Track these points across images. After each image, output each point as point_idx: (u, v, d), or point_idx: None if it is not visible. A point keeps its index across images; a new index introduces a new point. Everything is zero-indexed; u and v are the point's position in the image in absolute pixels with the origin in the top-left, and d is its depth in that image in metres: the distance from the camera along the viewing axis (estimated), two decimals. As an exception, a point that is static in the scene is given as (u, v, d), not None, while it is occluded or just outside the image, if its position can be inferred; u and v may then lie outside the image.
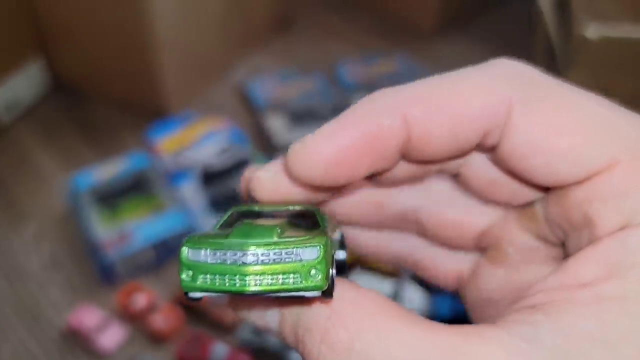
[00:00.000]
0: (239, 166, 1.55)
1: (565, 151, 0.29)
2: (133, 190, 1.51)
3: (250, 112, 1.77)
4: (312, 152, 0.30)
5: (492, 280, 0.36)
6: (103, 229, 1.41)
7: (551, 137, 0.29)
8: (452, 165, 0.35)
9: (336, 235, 0.34)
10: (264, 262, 0.28)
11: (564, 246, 0.33)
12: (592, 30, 1.13)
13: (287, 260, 0.28)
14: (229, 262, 0.28)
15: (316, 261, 0.27)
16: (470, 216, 0.37)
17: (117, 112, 1.79)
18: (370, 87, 1.76)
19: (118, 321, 1.32)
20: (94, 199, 1.48)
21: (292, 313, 0.30)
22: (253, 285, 0.27)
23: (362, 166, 0.31)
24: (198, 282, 0.28)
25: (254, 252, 0.28)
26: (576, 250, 0.29)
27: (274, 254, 0.28)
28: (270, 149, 1.63)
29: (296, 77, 1.82)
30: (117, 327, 1.31)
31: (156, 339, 1.30)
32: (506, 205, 0.35)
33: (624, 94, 0.64)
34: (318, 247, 0.28)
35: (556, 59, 1.23)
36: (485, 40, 1.96)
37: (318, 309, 0.29)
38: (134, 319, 1.33)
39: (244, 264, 0.27)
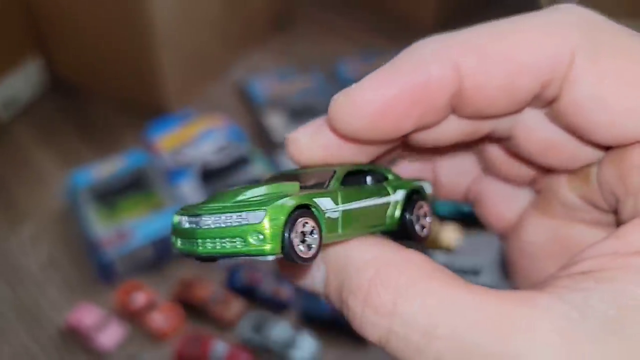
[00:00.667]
0: (237, 163, 1.55)
1: (633, 107, 0.26)
2: (132, 188, 1.50)
3: (250, 109, 1.76)
4: (357, 102, 0.29)
5: (537, 231, 0.35)
6: (102, 227, 1.41)
7: (619, 91, 0.26)
8: (504, 125, 0.32)
9: (397, 196, 0.34)
10: (213, 227, 0.29)
11: (615, 213, 0.31)
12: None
13: (234, 224, 0.28)
14: (188, 226, 0.30)
15: (261, 225, 0.27)
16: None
17: (115, 110, 1.79)
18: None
19: (117, 320, 1.31)
20: (92, 197, 1.47)
21: (336, 275, 0.29)
22: (202, 248, 0.29)
23: (410, 118, 0.29)
24: (177, 245, 0.31)
25: (206, 217, 0.29)
26: (631, 216, 0.28)
27: (226, 217, 0.29)
28: (269, 146, 1.62)
29: (295, 75, 1.82)
30: (116, 325, 1.30)
31: (156, 337, 1.30)
32: (560, 169, 0.33)
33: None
34: (264, 211, 0.28)
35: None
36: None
37: (362, 271, 0.28)
38: (133, 318, 1.32)
39: (197, 227, 0.29)
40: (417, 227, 0.34)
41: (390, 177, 0.35)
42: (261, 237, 0.28)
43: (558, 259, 0.32)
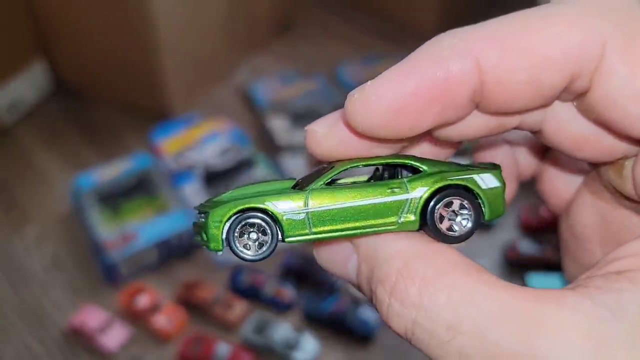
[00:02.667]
0: (240, 166, 1.56)
1: None
2: (136, 190, 1.51)
3: (253, 113, 1.77)
4: (373, 99, 0.28)
5: (587, 211, 0.34)
6: (106, 230, 1.42)
7: None
8: (533, 119, 0.31)
9: (416, 193, 0.31)
10: (198, 222, 0.34)
11: None
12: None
13: (201, 222, 0.33)
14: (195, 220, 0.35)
15: (206, 226, 0.32)
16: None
17: (119, 113, 1.80)
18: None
19: (121, 321, 1.32)
20: (96, 200, 1.48)
21: (367, 265, 0.30)
22: (194, 239, 0.34)
23: (429, 115, 0.28)
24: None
25: (196, 213, 0.34)
26: None
27: (199, 216, 0.33)
28: (272, 149, 1.63)
29: (298, 78, 1.83)
30: (120, 326, 1.31)
31: (159, 338, 1.30)
32: (590, 161, 0.32)
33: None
34: (206, 215, 0.32)
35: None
36: (486, 41, 1.97)
37: (391, 262, 0.28)
38: (137, 319, 1.33)
39: (195, 220, 0.34)
40: (443, 227, 0.31)
41: (426, 168, 0.32)
42: (205, 236, 0.32)
43: (605, 242, 0.31)
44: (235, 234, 0.32)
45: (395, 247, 0.29)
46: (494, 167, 0.33)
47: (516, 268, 1.38)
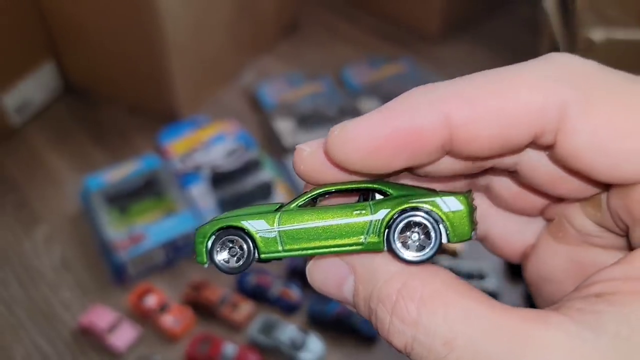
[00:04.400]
0: (246, 168, 1.57)
1: (631, 152, 0.28)
2: (144, 191, 1.53)
3: (259, 114, 1.78)
4: (350, 137, 0.31)
5: (554, 256, 0.37)
6: (114, 230, 1.43)
7: (616, 138, 0.28)
8: (507, 162, 0.34)
9: (378, 215, 0.33)
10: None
11: (627, 237, 0.32)
12: (598, 33, 1.14)
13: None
14: None
15: (194, 240, 0.36)
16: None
17: (127, 115, 1.81)
18: (376, 90, 1.78)
19: (129, 321, 1.34)
20: (105, 201, 1.50)
21: (365, 286, 0.32)
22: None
23: (399, 159, 0.31)
24: None
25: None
26: None
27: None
28: (278, 150, 1.65)
29: (304, 81, 1.84)
30: (128, 326, 1.32)
31: (167, 338, 1.32)
32: (570, 199, 0.35)
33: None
34: (194, 232, 0.36)
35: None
36: (491, 43, 1.98)
37: (390, 283, 0.30)
38: (145, 319, 1.35)
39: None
40: (402, 249, 0.32)
41: (393, 192, 0.34)
42: (194, 250, 0.36)
43: (576, 280, 0.33)
44: (217, 249, 0.36)
45: (393, 269, 0.31)
46: (463, 193, 0.34)
47: (517, 269, 1.38)
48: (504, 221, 0.39)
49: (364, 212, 0.33)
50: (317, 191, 0.35)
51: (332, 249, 0.33)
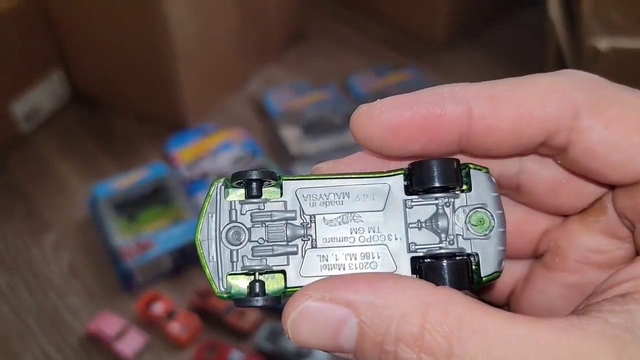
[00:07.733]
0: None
1: None
2: (151, 199, 1.54)
3: (266, 122, 1.79)
4: (376, 113, 0.32)
5: (549, 286, 0.37)
6: (122, 238, 1.44)
7: (630, 133, 0.29)
8: (510, 171, 0.35)
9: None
10: None
11: (633, 239, 0.33)
12: (604, 42, 1.14)
13: None
14: None
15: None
16: (529, 219, 0.37)
17: (135, 123, 1.83)
18: (382, 98, 1.79)
19: (137, 328, 1.34)
20: (113, 208, 1.51)
21: (375, 328, 0.28)
22: None
23: (418, 142, 0.32)
24: None
25: None
26: None
27: None
28: (285, 158, 1.66)
29: (310, 89, 1.85)
30: (136, 333, 1.33)
31: (174, 345, 1.33)
32: (567, 210, 0.36)
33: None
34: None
35: (568, 70, 1.24)
36: (496, 51, 1.98)
37: (408, 317, 0.27)
38: (153, 326, 1.35)
39: None
40: None
41: None
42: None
43: (575, 303, 0.33)
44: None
45: (405, 304, 0.28)
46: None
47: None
48: None
49: None
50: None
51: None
